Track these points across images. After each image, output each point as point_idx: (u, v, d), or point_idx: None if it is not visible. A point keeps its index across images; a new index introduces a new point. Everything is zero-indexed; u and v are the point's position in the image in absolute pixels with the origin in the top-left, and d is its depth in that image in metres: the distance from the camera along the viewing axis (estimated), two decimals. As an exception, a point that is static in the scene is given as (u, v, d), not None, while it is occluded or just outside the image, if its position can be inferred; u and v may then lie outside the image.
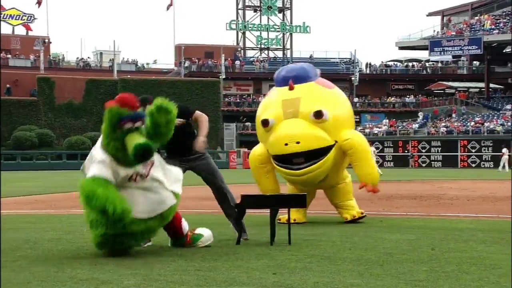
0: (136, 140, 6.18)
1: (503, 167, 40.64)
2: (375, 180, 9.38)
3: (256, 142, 10.14)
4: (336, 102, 9.53)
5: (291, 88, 9.29)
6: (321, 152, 9.03)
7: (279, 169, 9.33)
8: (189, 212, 11.61)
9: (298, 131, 8.98)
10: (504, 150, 42.88)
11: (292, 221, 9.27)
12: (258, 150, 9.75)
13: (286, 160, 9.12)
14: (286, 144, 8.97)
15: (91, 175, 6.32)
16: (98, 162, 6.40)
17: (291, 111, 9.12)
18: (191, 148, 7.50)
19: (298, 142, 8.91)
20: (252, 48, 77.48)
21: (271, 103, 9.58)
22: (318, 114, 8.96)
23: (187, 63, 70.08)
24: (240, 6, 75.67)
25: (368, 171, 9.28)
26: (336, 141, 9.13)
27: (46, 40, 72.34)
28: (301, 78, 9.41)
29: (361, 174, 9.26)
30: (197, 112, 7.63)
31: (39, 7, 71.98)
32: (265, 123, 9.29)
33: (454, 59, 71.97)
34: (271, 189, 9.46)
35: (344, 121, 9.41)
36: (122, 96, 6.51)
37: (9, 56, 70.36)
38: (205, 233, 7.11)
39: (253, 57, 76.28)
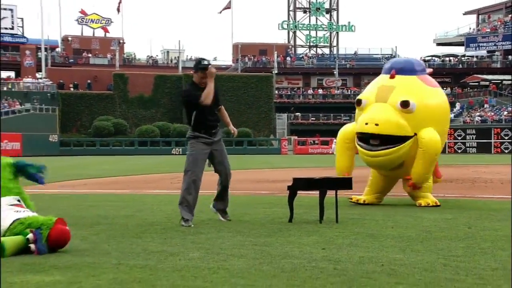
0: None
1: None
2: (421, 181, 8.97)
3: (306, 131, 10.07)
4: (430, 99, 9.07)
5: (392, 77, 9.08)
6: (397, 139, 8.73)
7: (358, 147, 9.12)
8: (245, 193, 11.65)
9: (380, 115, 8.75)
10: None
11: (362, 202, 9.30)
12: (348, 127, 9.61)
13: (365, 139, 8.93)
14: (366, 124, 8.81)
15: None
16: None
17: (383, 96, 8.91)
18: (216, 126, 7.28)
19: (376, 124, 8.68)
20: (302, 46, 77.05)
21: (371, 86, 9.49)
22: (405, 104, 8.65)
23: (243, 60, 70.11)
24: (291, 7, 75.27)
25: (421, 171, 8.86)
26: (415, 134, 8.77)
27: (121, 41, 73.56)
28: (405, 70, 9.15)
29: (414, 171, 8.88)
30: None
31: (118, 13, 73.19)
32: (359, 102, 9.20)
33: (489, 54, 70.06)
34: (345, 166, 9.31)
35: (431, 119, 8.92)
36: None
37: (89, 55, 71.83)
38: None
39: (302, 54, 75.81)
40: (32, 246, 5.16)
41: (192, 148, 7.12)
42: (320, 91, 70.03)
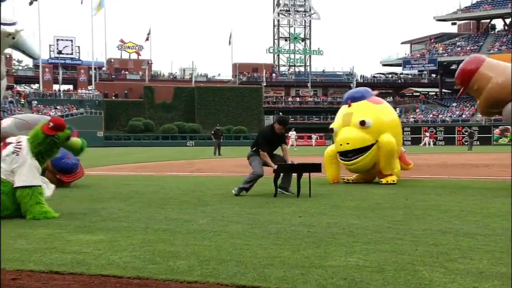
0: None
1: (428, 144, 41.77)
2: (388, 170, 8.99)
3: (287, 128, 10.12)
4: (380, 113, 9.21)
5: (349, 106, 9.35)
6: (365, 148, 8.92)
7: (340, 161, 9.29)
8: (241, 175, 11.62)
9: (348, 135, 8.99)
10: (427, 133, 44.01)
11: (351, 181, 9.45)
12: (329, 149, 9.74)
13: (344, 154, 9.10)
14: (341, 145, 9.05)
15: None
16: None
17: (347, 121, 9.15)
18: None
19: (348, 143, 8.95)
20: (284, 65, 76.69)
21: (337, 117, 9.64)
22: (362, 123, 8.90)
23: (240, 75, 69.86)
24: (276, 37, 75.02)
25: (384, 164, 8.93)
26: (377, 140, 8.93)
27: (149, 62, 73.03)
28: (357, 98, 9.40)
29: (381, 165, 8.99)
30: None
31: (146, 40, 72.80)
32: (331, 130, 9.52)
33: (419, 73, 70.48)
34: (333, 175, 9.42)
35: (386, 127, 9.09)
36: (57, 120, 5.50)
37: (126, 72, 71.34)
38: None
39: (284, 71, 75.62)
40: None
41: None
42: (298, 99, 69.95)
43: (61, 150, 5.72)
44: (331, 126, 9.52)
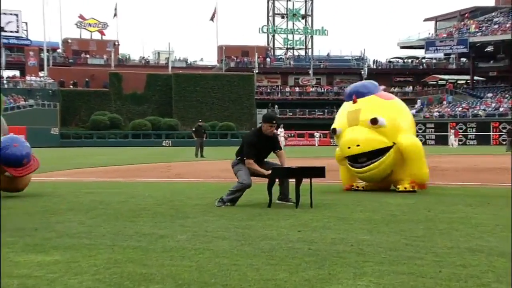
0: None
1: (452, 144, 42.37)
2: (423, 178, 9.01)
3: (284, 125, 10.18)
4: (393, 110, 9.22)
5: (354, 102, 9.27)
6: (380, 152, 8.85)
7: (349, 167, 9.23)
8: (230, 180, 11.64)
9: (357, 136, 8.90)
10: (452, 131, 44.34)
11: (361, 188, 9.41)
12: (337, 152, 9.66)
13: (354, 159, 9.05)
14: (349, 148, 8.97)
15: None
16: None
17: (353, 120, 9.07)
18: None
19: (358, 145, 8.86)
20: (280, 48, 76.97)
21: (340, 115, 9.60)
22: (374, 121, 8.82)
23: (227, 61, 69.91)
24: (270, 13, 75.14)
25: (417, 171, 8.90)
26: (394, 143, 8.87)
27: (116, 43, 72.90)
28: (363, 92, 9.36)
29: (412, 173, 8.92)
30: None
31: (113, 17, 72.61)
32: (334, 131, 9.39)
33: (445, 56, 70.75)
34: (348, 179, 9.46)
35: (402, 126, 9.09)
36: None
37: (87, 56, 71.10)
38: None
39: (280, 55, 75.81)
40: None
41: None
42: (297, 89, 70.14)
43: (4, 139, 5.72)
44: (332, 127, 9.44)
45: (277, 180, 7.46)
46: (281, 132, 36.11)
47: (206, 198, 8.27)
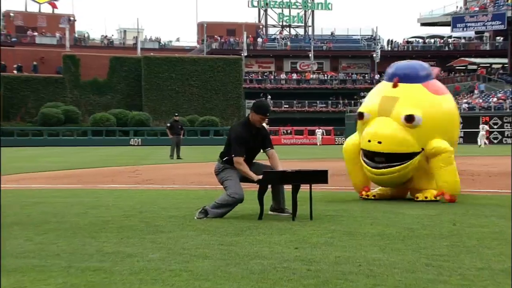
0: None
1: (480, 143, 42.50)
2: (453, 189, 9.00)
3: (279, 119, 10.14)
4: (438, 109, 9.10)
5: (394, 86, 9.12)
6: (403, 157, 8.82)
7: (362, 163, 9.19)
8: (211, 187, 11.66)
9: (383, 131, 8.84)
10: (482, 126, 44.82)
11: (371, 196, 9.38)
12: (352, 140, 9.55)
13: (370, 156, 9.03)
14: (369, 141, 8.91)
15: None
16: None
17: (386, 109, 8.97)
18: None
19: (379, 142, 8.79)
20: (274, 26, 77.08)
21: (373, 96, 9.51)
22: (409, 119, 8.72)
23: (209, 41, 69.86)
24: (262, -17, 75.10)
25: (446, 179, 8.89)
26: (423, 149, 8.84)
27: (72, 18, 72.59)
28: (409, 77, 9.19)
29: (444, 181, 8.90)
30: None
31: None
32: (361, 116, 9.29)
33: (477, 35, 70.93)
34: (361, 181, 9.37)
35: (440, 130, 8.98)
36: None
37: (35, 34, 70.71)
38: None
39: (274, 34, 75.86)
40: None
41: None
42: (294, 75, 70.26)
43: None
44: (360, 110, 9.36)
45: (270, 186, 7.50)
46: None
47: (183, 208, 8.29)
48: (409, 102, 8.94)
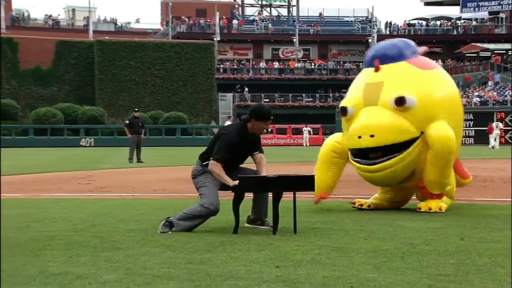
0: None
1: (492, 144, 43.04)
2: (438, 189, 9.10)
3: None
4: (431, 85, 9.16)
5: (376, 69, 9.16)
6: (401, 146, 8.85)
7: (354, 165, 9.23)
8: (177, 196, 11.66)
9: (373, 122, 8.86)
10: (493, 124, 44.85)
11: (366, 206, 9.45)
12: (337, 137, 9.62)
13: (363, 154, 9.05)
14: (359, 137, 8.91)
15: None
16: None
17: (372, 97, 9.01)
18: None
19: (372, 136, 8.80)
20: (252, 5, 77.13)
21: (354, 87, 9.53)
22: (400, 101, 8.75)
23: (175, 23, 69.69)
24: (237, -46, 75.27)
25: (436, 178, 8.94)
26: (422, 132, 8.86)
27: (9, -5, 71.92)
28: (391, 57, 9.22)
29: (428, 179, 8.98)
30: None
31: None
32: (344, 111, 9.31)
33: (491, 16, 71.37)
34: (327, 185, 9.37)
35: (440, 108, 8.99)
36: None
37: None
38: None
39: (253, 15, 75.90)
40: None
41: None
42: (276, 64, 70.34)
43: None
44: (342, 104, 9.40)
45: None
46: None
47: (144, 221, 8.29)
48: (396, 83, 9.02)
